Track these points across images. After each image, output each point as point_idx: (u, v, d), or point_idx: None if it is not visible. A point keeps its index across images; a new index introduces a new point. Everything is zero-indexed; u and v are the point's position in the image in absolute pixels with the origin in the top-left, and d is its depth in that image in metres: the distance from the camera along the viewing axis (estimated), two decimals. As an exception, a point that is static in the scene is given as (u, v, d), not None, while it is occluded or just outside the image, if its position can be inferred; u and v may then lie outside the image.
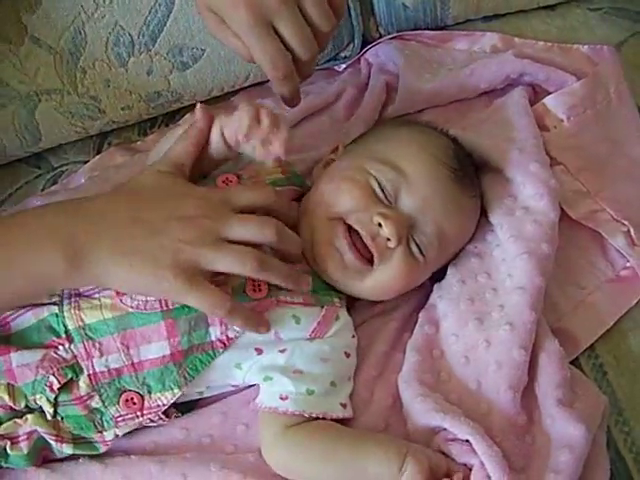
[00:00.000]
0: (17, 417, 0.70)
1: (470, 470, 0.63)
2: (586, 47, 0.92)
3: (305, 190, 0.78)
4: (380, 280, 0.71)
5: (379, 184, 0.71)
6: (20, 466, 0.70)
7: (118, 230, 0.65)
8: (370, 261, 0.70)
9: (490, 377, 0.67)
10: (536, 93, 0.89)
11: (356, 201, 0.71)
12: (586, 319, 0.74)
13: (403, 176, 0.71)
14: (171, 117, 0.98)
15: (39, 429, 0.69)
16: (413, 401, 0.67)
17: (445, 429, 0.65)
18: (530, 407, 0.68)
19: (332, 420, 0.68)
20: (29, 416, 0.69)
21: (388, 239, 0.69)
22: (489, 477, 0.61)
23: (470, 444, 0.63)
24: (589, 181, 0.80)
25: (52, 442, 0.69)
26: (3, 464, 0.70)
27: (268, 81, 0.93)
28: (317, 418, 0.68)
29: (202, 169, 0.74)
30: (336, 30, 0.77)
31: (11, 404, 0.69)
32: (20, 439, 0.69)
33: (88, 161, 0.95)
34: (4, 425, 0.69)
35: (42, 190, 0.94)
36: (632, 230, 0.77)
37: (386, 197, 0.71)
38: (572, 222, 0.79)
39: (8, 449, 0.69)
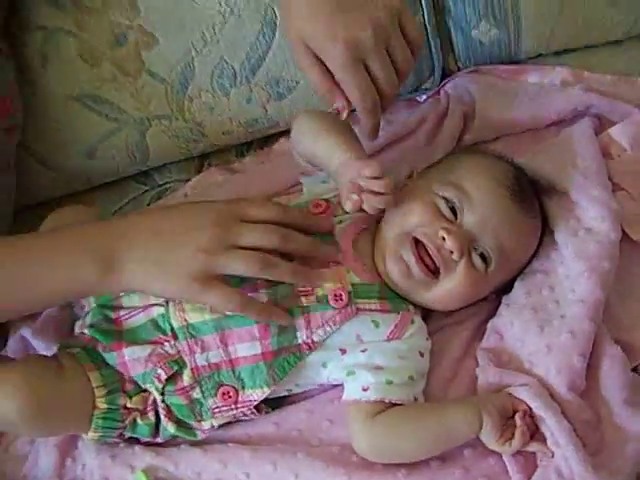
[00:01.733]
0: (143, 391, 0.80)
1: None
2: (648, 79, 0.98)
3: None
4: (446, 290, 0.78)
5: (444, 202, 0.79)
6: (144, 436, 0.80)
7: (145, 243, 0.75)
8: (435, 273, 0.78)
9: (551, 381, 0.74)
10: (602, 124, 0.95)
11: (422, 217, 0.79)
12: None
13: (465, 196, 0.79)
14: (265, 140, 1.08)
15: (159, 406, 0.79)
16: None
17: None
18: (597, 407, 0.74)
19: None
20: (151, 394, 0.79)
21: (451, 252, 0.77)
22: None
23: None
24: None
25: (162, 417, 0.79)
26: (130, 434, 0.80)
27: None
28: (396, 404, 0.75)
29: None
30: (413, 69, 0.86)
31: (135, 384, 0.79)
32: (147, 410, 0.79)
33: (190, 179, 1.06)
34: (134, 399, 0.79)
35: (148, 205, 1.04)
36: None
37: (450, 214, 0.79)
38: (633, 243, 0.85)
39: (138, 420, 0.79)
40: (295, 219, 0.79)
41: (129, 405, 0.79)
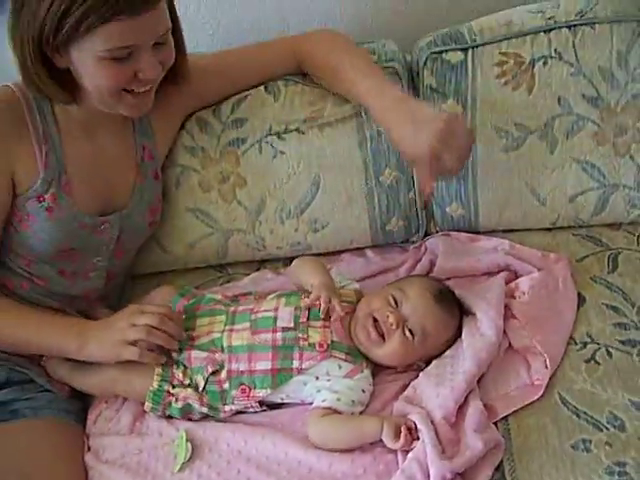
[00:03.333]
0: (182, 387, 1.29)
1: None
2: (553, 255, 1.48)
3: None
4: (388, 349, 1.27)
5: (392, 298, 1.30)
6: (174, 415, 1.29)
7: (99, 327, 1.30)
8: (382, 337, 1.27)
9: (433, 414, 1.21)
10: (516, 276, 1.45)
11: (378, 305, 1.29)
12: (506, 402, 1.26)
13: (405, 295, 1.30)
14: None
15: (191, 398, 1.28)
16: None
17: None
18: (459, 432, 1.19)
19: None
20: (188, 389, 1.29)
21: (391, 324, 1.27)
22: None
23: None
24: (531, 329, 1.33)
25: (196, 405, 1.27)
26: (168, 412, 1.29)
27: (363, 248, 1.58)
28: (338, 412, 1.23)
29: None
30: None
31: (182, 380, 1.29)
32: (179, 398, 1.28)
33: (249, 274, 1.59)
34: (175, 390, 1.29)
35: (220, 285, 1.58)
36: (547, 360, 1.29)
37: (394, 304, 1.29)
38: (513, 349, 1.33)
39: (172, 403, 1.29)
40: (169, 314, 1.29)
41: (171, 391, 1.29)
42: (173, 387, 1.30)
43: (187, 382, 1.30)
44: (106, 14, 1.10)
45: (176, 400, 1.29)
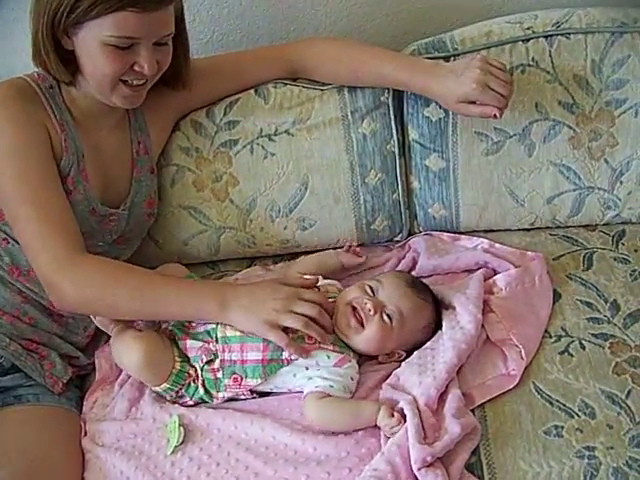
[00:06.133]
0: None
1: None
2: (530, 253, 1.55)
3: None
4: (368, 334, 1.33)
5: (369, 287, 1.37)
6: (189, 395, 1.34)
7: (243, 298, 1.29)
8: (361, 323, 1.34)
9: (417, 400, 1.27)
10: (494, 273, 1.52)
11: (356, 294, 1.36)
12: (483, 390, 1.32)
13: (381, 284, 1.37)
14: (291, 255, 1.68)
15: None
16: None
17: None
18: (440, 418, 1.24)
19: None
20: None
21: (370, 309, 1.33)
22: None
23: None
24: (507, 323, 1.39)
25: (199, 385, 1.33)
26: (184, 392, 1.34)
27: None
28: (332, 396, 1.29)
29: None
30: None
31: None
32: (197, 380, 1.34)
33: (240, 270, 1.66)
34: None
35: (213, 281, 1.66)
36: (523, 352, 1.35)
37: (371, 293, 1.36)
38: (491, 342, 1.39)
39: (191, 383, 1.33)
40: (326, 304, 1.32)
41: (191, 372, 1.35)
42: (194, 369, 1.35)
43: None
44: (121, 3, 1.20)
45: (194, 380, 1.35)
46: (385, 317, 1.34)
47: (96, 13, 1.21)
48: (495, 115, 1.40)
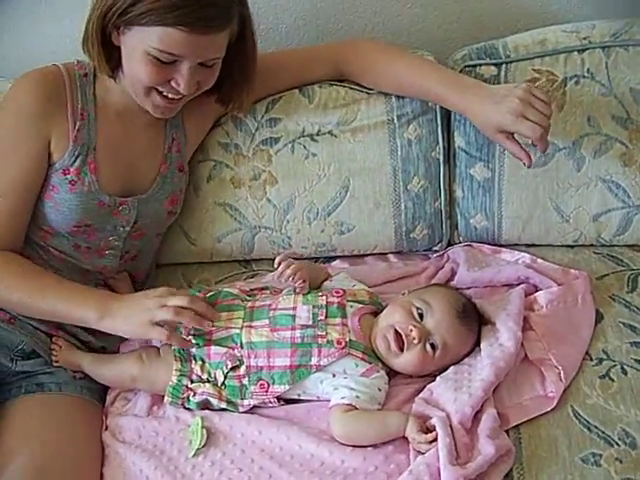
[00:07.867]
0: (201, 382, 1.32)
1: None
2: (573, 271, 1.50)
3: (381, 310, 1.39)
4: (406, 360, 1.29)
5: (415, 310, 1.31)
6: (193, 407, 1.32)
7: (126, 308, 1.28)
8: (402, 349, 1.29)
9: (451, 417, 1.23)
10: (536, 289, 1.47)
11: (401, 317, 1.31)
12: (519, 411, 1.27)
13: (430, 308, 1.31)
14: (327, 259, 1.65)
15: (208, 392, 1.30)
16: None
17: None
18: (473, 438, 1.20)
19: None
20: (207, 384, 1.31)
21: (414, 338, 1.28)
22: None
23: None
24: (547, 342, 1.34)
25: (215, 401, 1.30)
26: (187, 405, 1.32)
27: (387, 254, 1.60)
28: (359, 409, 1.24)
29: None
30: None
31: (200, 374, 1.31)
32: (197, 394, 1.31)
33: (271, 271, 1.60)
34: (194, 384, 1.31)
35: (244, 280, 1.61)
36: (562, 373, 1.31)
37: (418, 317, 1.31)
38: (529, 361, 1.34)
39: (191, 397, 1.31)
40: (198, 306, 1.29)
41: (189, 385, 1.31)
42: (192, 382, 1.32)
43: (205, 377, 1.32)
44: (173, 19, 1.20)
45: (194, 394, 1.32)
46: (428, 346, 1.30)
47: (146, 22, 1.20)
48: (525, 164, 1.39)
